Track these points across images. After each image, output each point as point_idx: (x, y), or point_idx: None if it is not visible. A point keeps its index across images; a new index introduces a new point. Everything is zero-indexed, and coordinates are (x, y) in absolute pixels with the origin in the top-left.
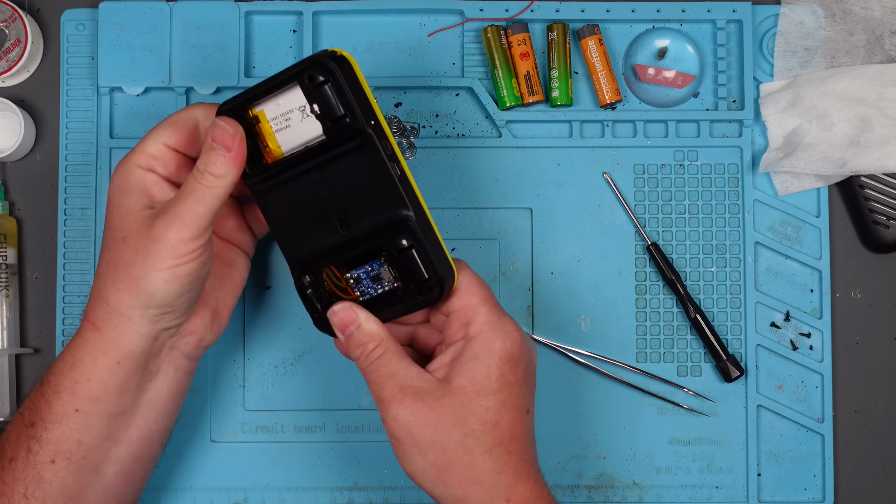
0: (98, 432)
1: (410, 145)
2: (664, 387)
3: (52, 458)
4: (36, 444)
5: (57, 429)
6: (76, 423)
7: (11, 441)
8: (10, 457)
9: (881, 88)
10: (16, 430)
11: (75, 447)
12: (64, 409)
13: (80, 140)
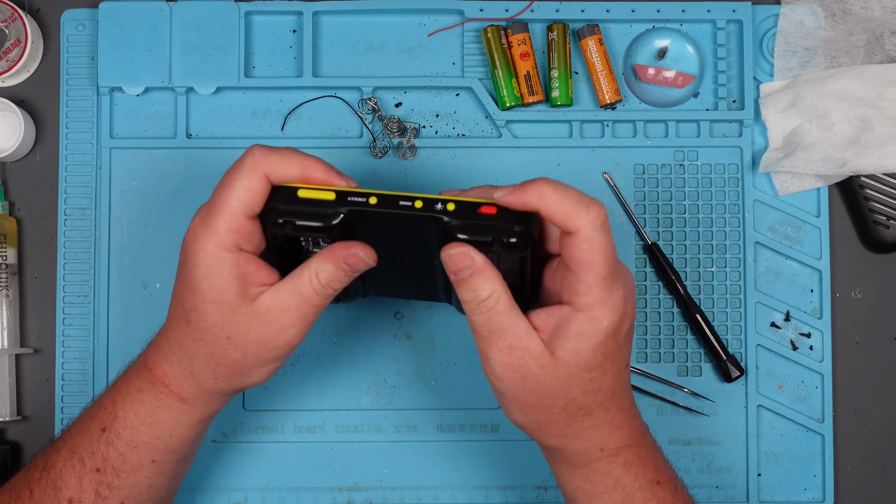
0: (169, 475)
1: (410, 145)
2: (664, 387)
3: (122, 501)
4: (106, 489)
5: (131, 478)
6: (151, 471)
7: (71, 483)
8: (71, 498)
9: (881, 88)
10: (75, 472)
11: (146, 490)
12: (141, 461)
13: (80, 140)
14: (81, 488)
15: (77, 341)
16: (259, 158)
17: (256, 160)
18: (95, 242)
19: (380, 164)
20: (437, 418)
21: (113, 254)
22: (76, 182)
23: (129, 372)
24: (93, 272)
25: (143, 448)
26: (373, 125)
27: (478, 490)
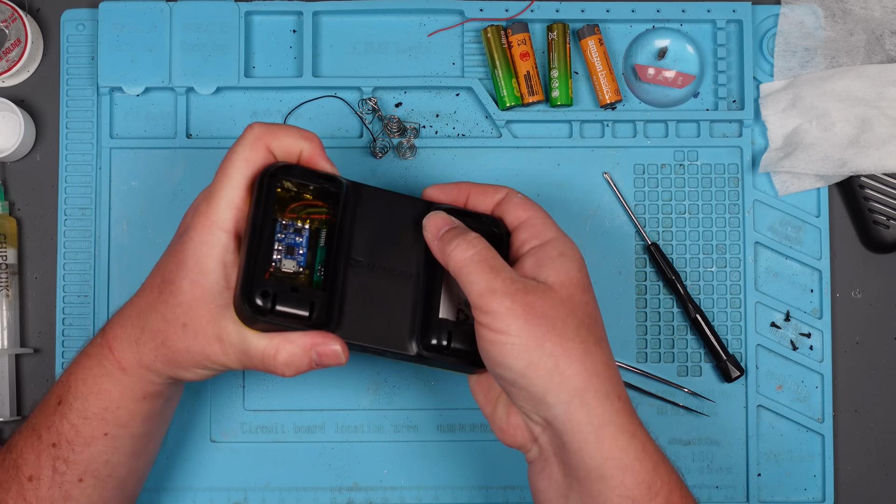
0: (126, 451)
1: (410, 145)
2: (664, 387)
3: (81, 477)
4: (62, 464)
5: (86, 451)
6: (105, 445)
7: (29, 460)
8: (31, 475)
9: (881, 88)
10: (33, 448)
11: (103, 466)
12: (93, 433)
13: (80, 140)
14: (39, 465)
15: (77, 341)
16: (260, 133)
17: (257, 134)
18: (95, 242)
19: (380, 164)
20: (437, 418)
21: (113, 254)
22: (76, 182)
23: (89, 343)
24: (93, 272)
25: (94, 419)
26: (373, 125)
27: (478, 490)
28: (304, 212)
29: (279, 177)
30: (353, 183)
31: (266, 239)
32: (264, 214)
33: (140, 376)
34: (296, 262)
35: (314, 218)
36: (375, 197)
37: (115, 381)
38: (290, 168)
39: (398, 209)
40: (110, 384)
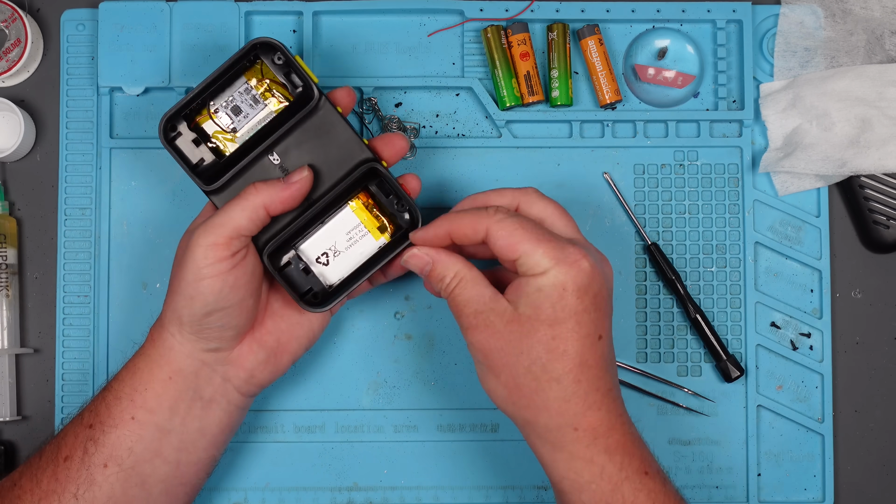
0: (149, 444)
1: (411, 145)
2: (664, 387)
3: (105, 461)
4: (93, 445)
5: (113, 433)
6: (130, 430)
7: (69, 440)
8: (67, 455)
9: (881, 88)
10: (74, 430)
11: (126, 454)
12: (122, 414)
13: (80, 140)
14: (75, 445)
15: (77, 341)
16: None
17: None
18: (95, 242)
19: None
20: (437, 418)
21: (113, 254)
22: (76, 182)
23: None
24: (93, 272)
25: (125, 400)
26: (373, 125)
27: (478, 490)
28: (268, 89)
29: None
30: (327, 99)
31: (221, 84)
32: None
33: (163, 344)
34: (231, 121)
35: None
36: (332, 120)
37: (146, 358)
38: (284, 50)
39: (342, 143)
40: (142, 362)
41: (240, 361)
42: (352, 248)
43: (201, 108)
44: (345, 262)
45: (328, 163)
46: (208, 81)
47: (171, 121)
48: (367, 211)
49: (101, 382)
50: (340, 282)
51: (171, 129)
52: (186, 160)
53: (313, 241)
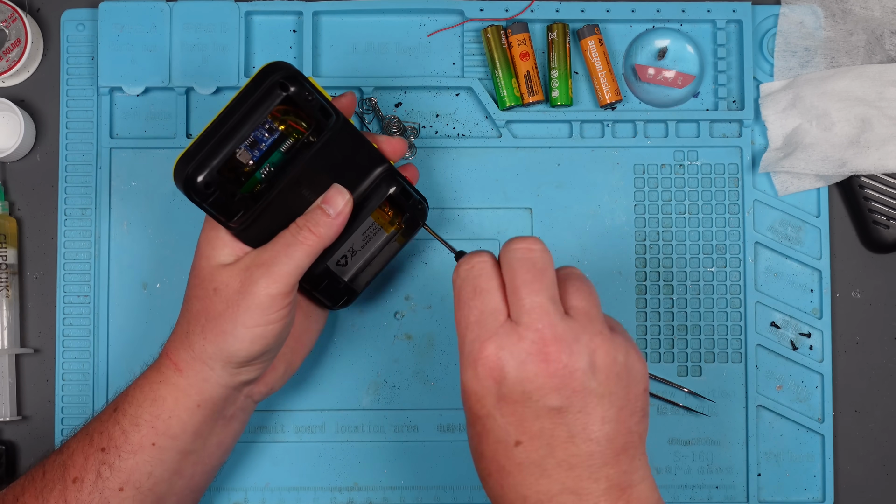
0: (169, 466)
1: (410, 145)
2: (664, 387)
3: (122, 486)
4: (107, 470)
5: (131, 459)
6: (151, 456)
7: (77, 461)
8: (76, 477)
9: (881, 88)
10: (83, 450)
11: (145, 478)
12: (141, 441)
13: (80, 140)
14: (86, 468)
15: (77, 341)
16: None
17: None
18: (95, 242)
19: None
20: (437, 418)
21: (113, 254)
22: (76, 182)
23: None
24: (93, 272)
25: (145, 427)
26: (373, 125)
27: (478, 490)
28: (288, 117)
29: (285, 90)
30: (343, 118)
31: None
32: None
33: (195, 375)
34: (251, 155)
35: (291, 125)
36: (349, 135)
37: (171, 387)
38: (301, 80)
39: (359, 153)
40: (166, 391)
41: (265, 380)
42: (366, 245)
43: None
44: (360, 259)
45: (348, 175)
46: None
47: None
48: (380, 209)
49: (101, 384)
50: (355, 274)
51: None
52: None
53: (339, 252)
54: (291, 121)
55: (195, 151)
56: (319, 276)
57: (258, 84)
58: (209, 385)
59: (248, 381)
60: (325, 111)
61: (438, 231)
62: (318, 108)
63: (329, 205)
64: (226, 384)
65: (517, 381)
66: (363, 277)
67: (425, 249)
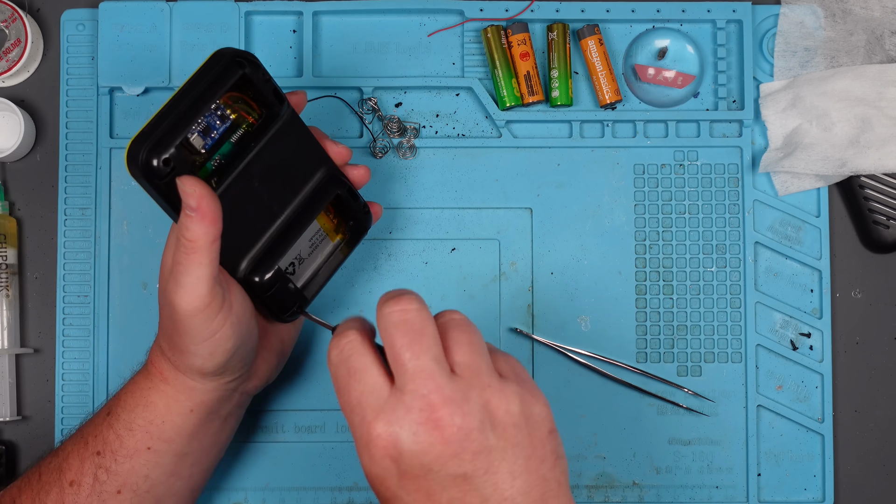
0: (166, 469)
1: (410, 145)
2: (664, 387)
3: (119, 489)
4: (104, 473)
5: (127, 463)
6: (147, 459)
7: (73, 464)
8: (73, 480)
9: (881, 88)
10: (79, 454)
11: (142, 481)
12: (136, 445)
13: (80, 140)
14: (82, 471)
15: (77, 341)
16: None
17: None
18: (95, 242)
19: (380, 164)
20: None
21: (113, 254)
22: (76, 182)
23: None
24: (93, 272)
25: (139, 431)
26: (373, 125)
27: None
28: (238, 105)
29: (241, 67)
30: (292, 111)
31: (196, 109)
32: (210, 90)
33: (181, 384)
34: (204, 142)
35: (242, 115)
36: (297, 130)
37: (161, 394)
38: (256, 64)
39: (306, 151)
40: (157, 397)
41: (258, 374)
42: (314, 254)
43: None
44: (309, 267)
45: (294, 171)
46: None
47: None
48: (325, 215)
49: (101, 384)
50: (304, 285)
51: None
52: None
53: (286, 255)
54: (242, 110)
55: (149, 132)
56: (270, 281)
57: (211, 67)
58: (198, 392)
59: (235, 382)
60: (279, 95)
61: (441, 229)
62: (273, 91)
63: (185, 202)
64: (213, 388)
65: (413, 455)
66: (313, 286)
67: (425, 249)
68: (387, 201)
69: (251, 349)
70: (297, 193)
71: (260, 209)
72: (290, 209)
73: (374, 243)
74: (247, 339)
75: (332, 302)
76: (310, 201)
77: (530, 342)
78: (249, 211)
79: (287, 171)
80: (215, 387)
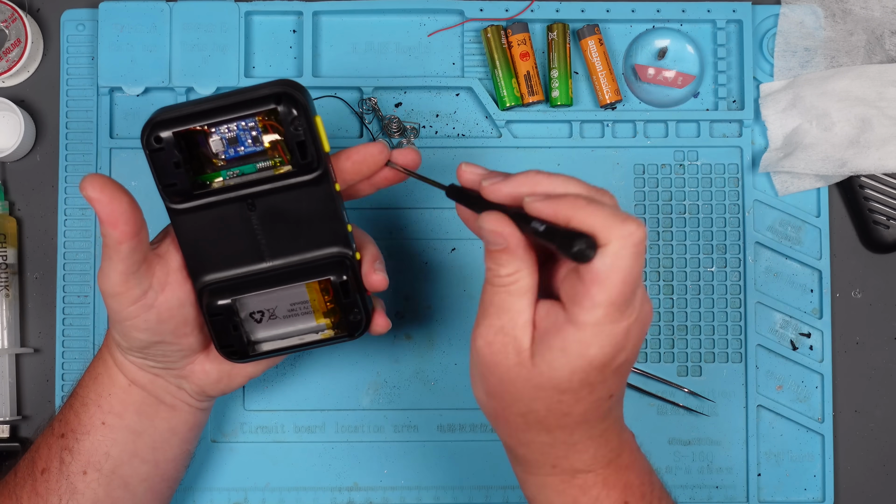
0: (124, 446)
1: (411, 145)
2: (664, 387)
3: (84, 468)
4: (68, 454)
5: (86, 440)
6: (103, 435)
7: (42, 453)
8: (43, 468)
9: (881, 88)
10: (46, 441)
11: (104, 459)
12: (91, 420)
13: (80, 140)
14: (50, 457)
15: (77, 341)
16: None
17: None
18: (95, 242)
19: None
20: (437, 418)
21: None
22: (76, 182)
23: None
24: (93, 272)
25: (91, 406)
26: (373, 125)
27: (478, 490)
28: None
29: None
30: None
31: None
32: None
33: (119, 355)
34: (224, 149)
35: (279, 150)
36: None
37: (105, 365)
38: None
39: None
40: (102, 368)
41: (192, 377)
42: (290, 319)
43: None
44: (276, 328)
45: (302, 232)
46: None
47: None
48: (320, 292)
49: None
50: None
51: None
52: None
53: (257, 298)
54: (281, 146)
55: (177, 108)
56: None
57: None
58: (127, 368)
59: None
60: (304, 149)
61: (442, 229)
62: (297, 143)
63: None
64: (140, 367)
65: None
66: (266, 346)
67: (425, 249)
68: (387, 201)
69: (175, 347)
70: (295, 253)
71: (249, 243)
72: (280, 262)
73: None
74: (168, 338)
75: None
76: (304, 267)
77: None
78: (237, 237)
79: (297, 228)
80: (140, 366)
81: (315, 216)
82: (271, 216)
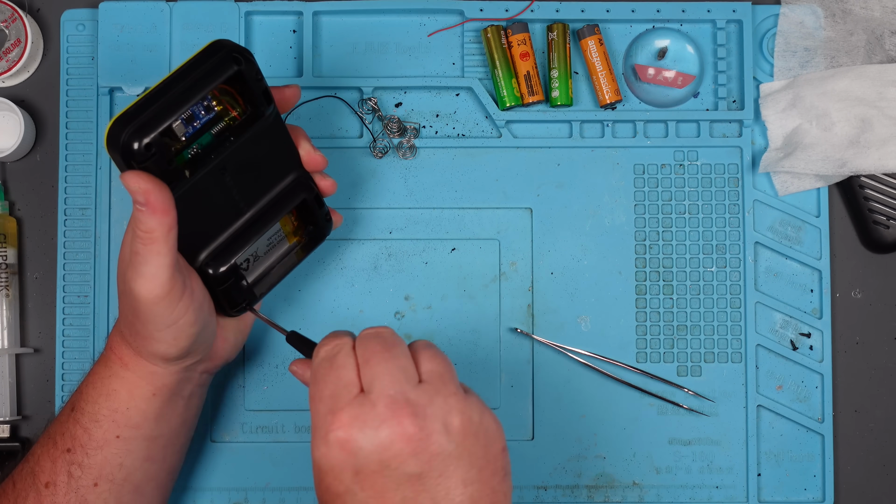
0: (139, 454)
1: (410, 145)
2: (664, 387)
3: (95, 481)
4: (77, 469)
5: (99, 454)
6: (118, 448)
7: (45, 465)
8: (48, 482)
9: (881, 88)
10: (49, 455)
11: (117, 470)
12: (105, 436)
13: (80, 140)
14: (55, 471)
15: (77, 341)
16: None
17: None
18: (95, 242)
19: (380, 164)
20: None
21: (113, 254)
22: (76, 182)
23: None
24: (93, 272)
25: (105, 422)
26: (373, 125)
27: None
28: (225, 98)
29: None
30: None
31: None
32: (202, 81)
33: (142, 369)
34: (185, 130)
35: (227, 108)
36: (278, 131)
37: (122, 381)
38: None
39: (282, 153)
40: (118, 384)
41: (218, 354)
42: (270, 252)
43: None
44: (262, 264)
45: (268, 171)
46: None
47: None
48: (287, 216)
49: None
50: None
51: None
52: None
53: (247, 249)
54: (228, 104)
55: (134, 114)
56: (224, 275)
57: (207, 57)
58: (159, 376)
59: (196, 363)
60: (268, 96)
61: (441, 229)
62: (263, 91)
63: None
64: (174, 371)
65: (373, 450)
66: (263, 285)
67: (425, 249)
68: (387, 201)
69: (212, 332)
70: (265, 193)
71: (227, 204)
72: (256, 208)
73: (374, 243)
74: (208, 322)
75: (332, 302)
76: (276, 202)
77: (530, 342)
78: (217, 204)
79: (260, 170)
80: (177, 370)
81: (273, 151)
82: (240, 169)
